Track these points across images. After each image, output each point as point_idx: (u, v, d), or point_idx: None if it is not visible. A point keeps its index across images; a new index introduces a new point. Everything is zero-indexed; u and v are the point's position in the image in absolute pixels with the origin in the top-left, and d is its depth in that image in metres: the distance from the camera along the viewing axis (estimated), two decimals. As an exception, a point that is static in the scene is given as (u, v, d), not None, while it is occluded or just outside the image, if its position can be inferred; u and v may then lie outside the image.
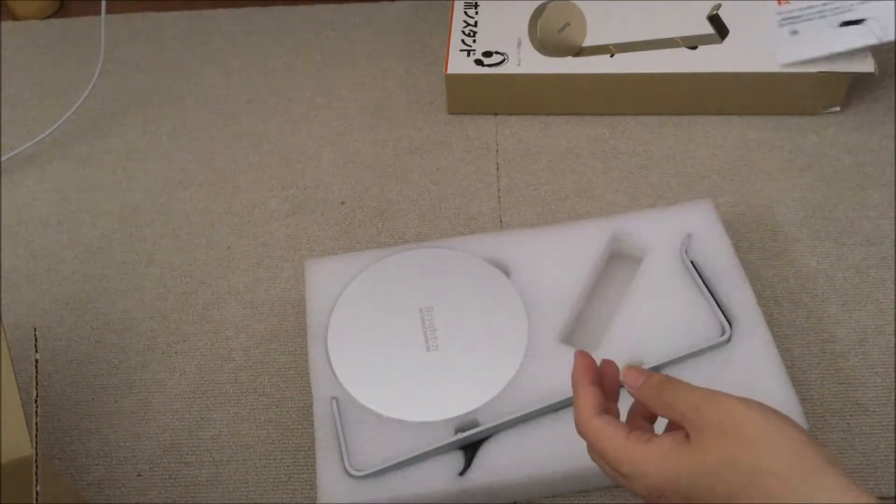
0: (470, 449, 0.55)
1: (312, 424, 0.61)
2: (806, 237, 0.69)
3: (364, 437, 0.56)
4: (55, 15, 0.95)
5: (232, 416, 0.63)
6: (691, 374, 0.53)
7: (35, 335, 0.49)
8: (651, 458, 0.41)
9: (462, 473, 0.54)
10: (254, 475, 0.60)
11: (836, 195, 0.72)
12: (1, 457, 0.44)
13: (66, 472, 0.61)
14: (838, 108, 0.77)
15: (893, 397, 0.60)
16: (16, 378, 0.47)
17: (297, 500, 0.59)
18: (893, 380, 0.61)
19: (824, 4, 0.78)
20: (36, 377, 0.47)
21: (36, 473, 0.43)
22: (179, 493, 0.59)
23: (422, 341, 0.59)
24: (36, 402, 0.45)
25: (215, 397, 0.64)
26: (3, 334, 0.49)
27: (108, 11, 0.80)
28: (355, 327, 0.61)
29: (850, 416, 0.59)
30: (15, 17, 0.95)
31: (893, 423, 0.59)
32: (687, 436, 0.41)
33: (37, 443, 0.44)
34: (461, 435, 0.54)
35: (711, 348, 0.58)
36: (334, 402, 0.57)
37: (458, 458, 0.55)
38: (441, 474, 0.54)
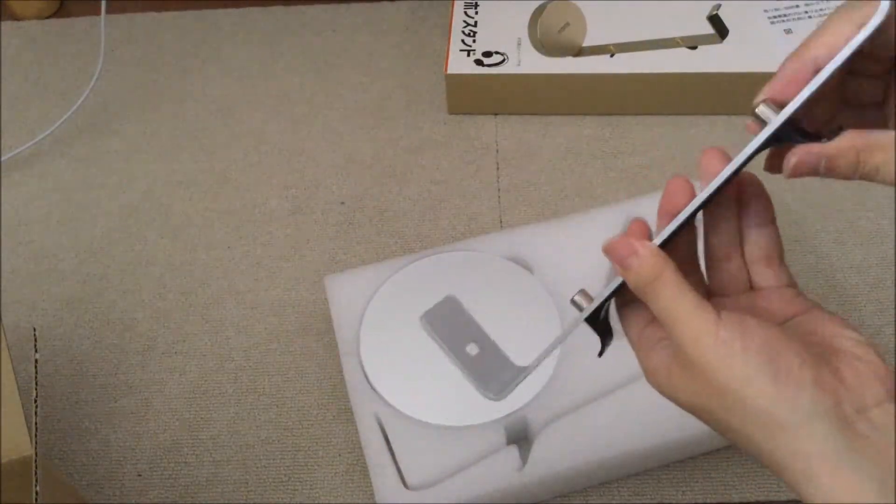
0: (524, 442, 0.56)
1: (312, 424, 0.62)
2: (806, 237, 0.69)
3: (414, 447, 0.56)
4: (55, 15, 0.95)
5: (232, 416, 0.63)
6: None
7: (35, 335, 0.49)
8: (650, 368, 0.37)
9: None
10: (254, 475, 0.60)
11: (835, 195, 0.72)
12: (1, 457, 0.44)
13: (66, 472, 0.61)
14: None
15: (893, 397, 0.60)
16: (16, 378, 0.47)
17: (296, 500, 0.59)
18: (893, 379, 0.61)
19: (808, 4, 0.78)
20: (36, 377, 0.47)
21: (36, 473, 0.43)
22: (179, 493, 0.59)
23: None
24: (36, 402, 0.45)
25: (215, 397, 0.64)
26: (2, 334, 0.49)
27: (108, 11, 0.80)
28: (387, 339, 0.60)
29: (850, 416, 0.59)
30: (15, 17, 0.95)
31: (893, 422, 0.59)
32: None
33: (37, 443, 0.44)
34: None
35: None
36: (379, 418, 0.57)
37: (513, 454, 0.55)
38: (499, 472, 0.55)
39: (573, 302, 0.40)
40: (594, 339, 0.55)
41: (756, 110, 0.35)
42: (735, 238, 0.39)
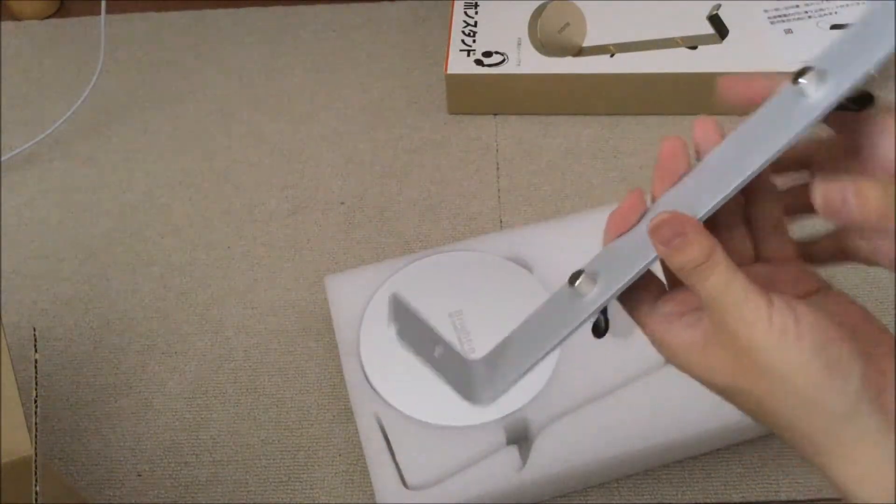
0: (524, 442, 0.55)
1: (312, 424, 0.62)
2: (806, 237, 0.69)
3: (413, 447, 0.56)
4: (55, 15, 0.95)
5: (232, 416, 0.63)
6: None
7: (35, 335, 0.49)
8: (674, 344, 0.36)
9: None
10: (254, 475, 0.60)
11: (836, 195, 0.72)
12: (1, 457, 0.44)
13: (66, 472, 0.61)
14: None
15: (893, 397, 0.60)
16: (16, 378, 0.47)
17: (296, 500, 0.59)
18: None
19: (808, 4, 0.78)
20: (36, 377, 0.47)
21: (36, 473, 0.43)
22: (179, 494, 0.59)
23: (457, 346, 0.59)
24: (36, 402, 0.45)
25: (215, 397, 0.64)
26: (2, 334, 0.49)
27: (108, 11, 0.80)
28: (387, 339, 0.60)
29: (850, 416, 0.59)
30: (15, 17, 0.95)
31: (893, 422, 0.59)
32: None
33: (37, 443, 0.44)
34: None
35: None
36: (379, 418, 0.57)
37: (513, 454, 0.55)
38: (499, 472, 0.55)
39: (575, 289, 0.37)
40: (589, 340, 0.54)
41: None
42: (738, 205, 0.38)
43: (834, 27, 0.76)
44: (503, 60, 0.78)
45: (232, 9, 0.93)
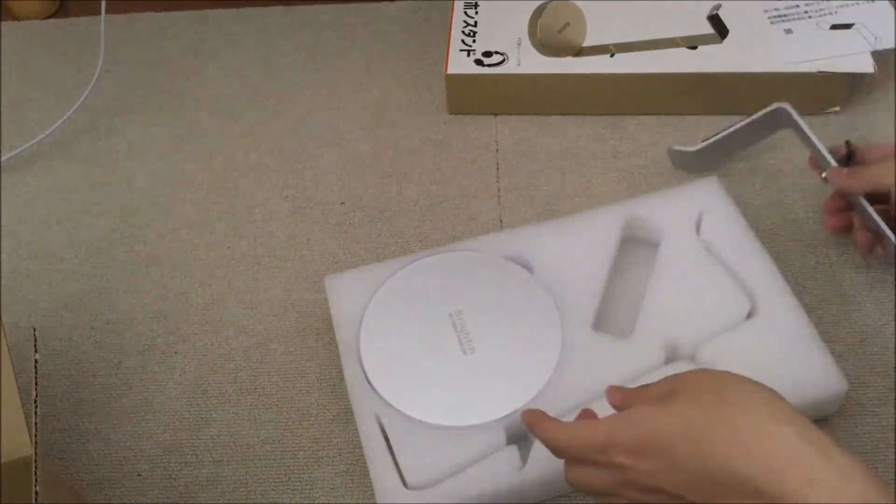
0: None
1: (312, 424, 0.62)
2: (806, 237, 0.69)
3: (414, 447, 0.55)
4: (55, 15, 0.95)
5: (232, 416, 0.63)
6: (727, 350, 0.57)
7: (35, 335, 0.49)
8: (628, 417, 0.44)
9: None
10: (254, 475, 0.60)
11: (836, 195, 0.72)
12: (1, 457, 0.44)
13: (66, 472, 0.61)
14: (838, 109, 0.77)
15: (893, 397, 0.60)
16: (16, 378, 0.47)
17: (296, 500, 0.59)
18: (893, 380, 0.61)
19: (808, 4, 0.78)
20: (36, 377, 0.47)
21: (36, 473, 0.43)
22: (179, 493, 0.59)
23: (457, 346, 0.59)
24: (35, 402, 0.45)
25: (215, 397, 0.64)
26: (2, 334, 0.49)
27: (108, 11, 0.80)
28: (387, 340, 0.60)
29: (850, 415, 0.59)
30: (15, 17, 0.95)
31: (893, 423, 0.59)
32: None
33: (37, 443, 0.44)
34: None
35: (741, 322, 0.59)
36: (379, 418, 0.57)
37: (513, 454, 0.55)
38: (499, 472, 0.54)
39: None
40: (590, 339, 0.54)
41: None
42: None
43: (834, 27, 0.76)
44: (503, 60, 0.78)
45: (232, 9, 0.93)
